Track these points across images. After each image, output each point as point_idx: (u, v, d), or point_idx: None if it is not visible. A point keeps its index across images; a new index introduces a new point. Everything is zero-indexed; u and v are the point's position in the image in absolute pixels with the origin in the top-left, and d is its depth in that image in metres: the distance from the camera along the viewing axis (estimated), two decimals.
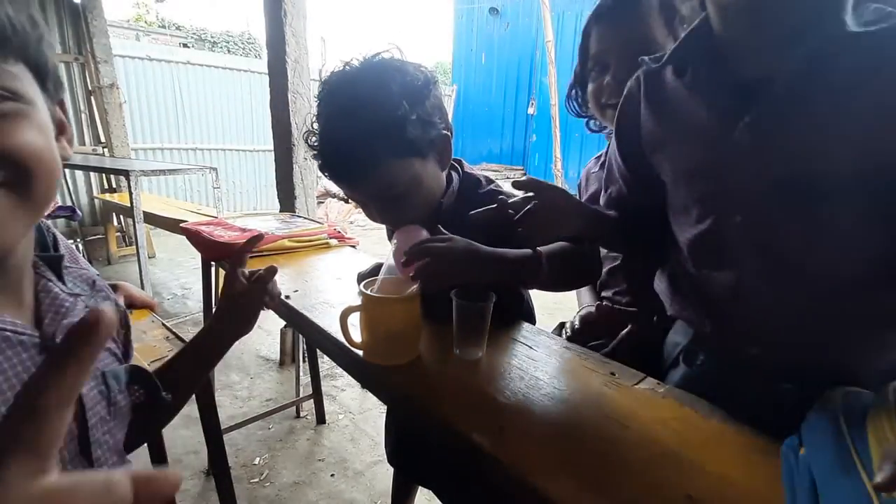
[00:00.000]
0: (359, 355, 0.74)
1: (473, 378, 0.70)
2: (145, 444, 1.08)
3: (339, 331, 0.73)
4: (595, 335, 0.96)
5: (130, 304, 1.15)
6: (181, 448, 1.79)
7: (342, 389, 2.28)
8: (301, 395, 2.05)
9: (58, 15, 4.00)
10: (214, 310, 0.73)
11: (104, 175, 4.31)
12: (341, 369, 0.84)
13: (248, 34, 13.82)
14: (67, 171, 4.18)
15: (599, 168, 1.04)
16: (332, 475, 1.73)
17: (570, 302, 1.14)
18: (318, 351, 1.97)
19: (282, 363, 2.47)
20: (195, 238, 1.37)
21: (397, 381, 0.69)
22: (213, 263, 1.50)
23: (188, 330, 2.78)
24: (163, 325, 1.16)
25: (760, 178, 0.58)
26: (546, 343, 0.82)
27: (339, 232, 1.51)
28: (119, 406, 0.51)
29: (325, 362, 2.29)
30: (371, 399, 2.19)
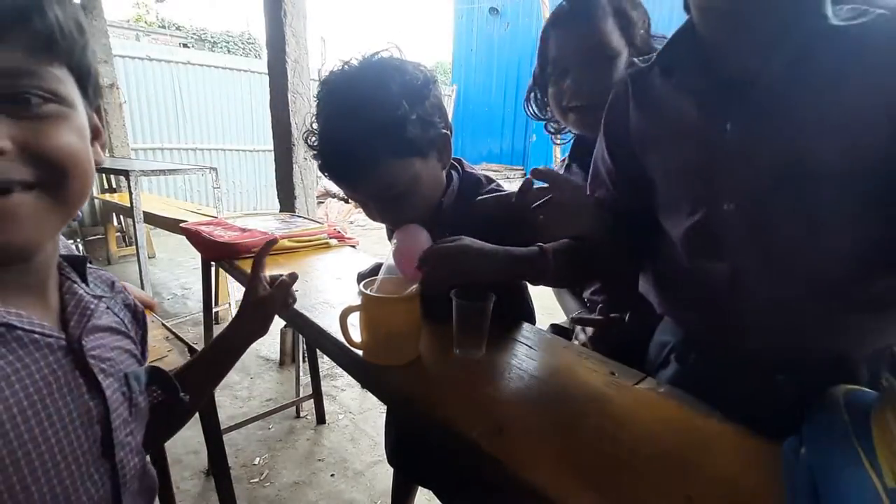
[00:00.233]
0: (359, 355, 0.74)
1: (473, 378, 0.70)
2: None
3: (339, 331, 0.73)
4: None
5: None
6: (181, 448, 1.79)
7: (342, 389, 2.28)
8: (301, 395, 2.05)
9: None
10: (234, 315, 0.75)
11: (104, 175, 4.30)
12: (341, 369, 0.84)
13: (248, 34, 13.83)
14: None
15: (566, 171, 1.07)
16: (332, 475, 1.73)
17: None
18: (318, 351, 1.97)
19: (282, 363, 2.47)
20: (195, 238, 1.37)
21: (397, 380, 0.69)
22: (212, 263, 1.50)
23: (188, 330, 2.78)
24: (163, 325, 1.16)
25: (752, 173, 0.59)
26: (546, 343, 0.82)
27: (339, 232, 1.51)
28: (139, 407, 0.51)
29: (325, 362, 2.29)
30: (371, 399, 2.19)
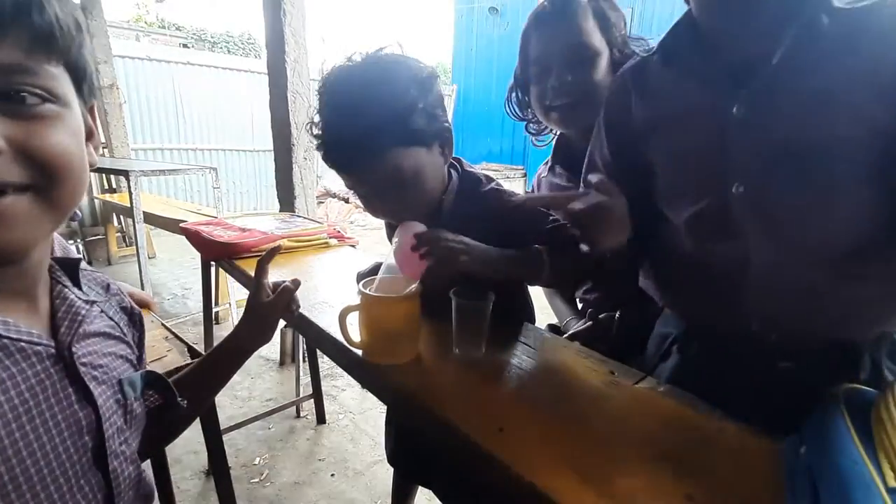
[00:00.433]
0: (358, 355, 0.74)
1: (473, 377, 0.70)
2: None
3: (339, 331, 0.73)
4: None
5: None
6: (181, 448, 1.79)
7: (342, 389, 2.28)
8: (301, 395, 2.05)
9: None
10: (238, 321, 0.74)
11: (104, 175, 4.30)
12: (341, 369, 0.84)
13: (247, 34, 13.82)
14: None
15: (549, 172, 1.09)
16: (332, 475, 1.73)
17: None
18: (318, 351, 1.97)
19: (282, 363, 2.47)
20: (195, 238, 1.37)
21: (397, 380, 0.69)
22: (212, 263, 1.50)
23: (188, 330, 2.78)
24: (162, 325, 1.16)
25: (760, 149, 0.59)
26: (546, 342, 0.81)
27: (338, 232, 1.51)
28: (135, 414, 0.50)
29: (325, 362, 2.29)
30: (371, 399, 2.19)
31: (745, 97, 0.59)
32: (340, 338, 0.74)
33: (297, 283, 0.76)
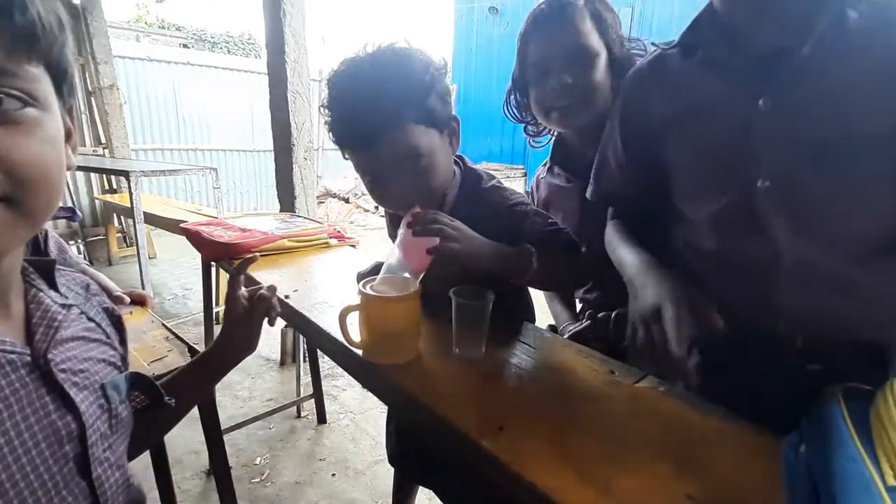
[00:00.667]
0: (358, 355, 0.74)
1: (473, 377, 0.70)
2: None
3: (339, 330, 0.73)
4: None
5: (119, 301, 1.15)
6: (182, 448, 1.79)
7: (343, 389, 2.28)
8: (302, 395, 2.05)
9: None
10: (218, 333, 0.72)
11: (104, 176, 4.31)
12: (342, 369, 0.84)
13: (247, 35, 13.83)
14: (68, 172, 4.18)
15: (548, 173, 1.09)
16: (332, 475, 1.73)
17: None
18: (318, 350, 1.97)
19: (282, 363, 2.48)
20: (195, 238, 1.37)
21: (397, 380, 0.69)
22: (213, 263, 1.51)
23: (188, 330, 2.78)
24: (163, 325, 1.16)
25: (787, 142, 0.58)
26: (545, 342, 0.82)
27: (338, 232, 1.51)
28: (121, 418, 0.48)
29: (325, 362, 2.29)
30: (372, 399, 2.19)
31: (772, 90, 0.58)
32: (341, 338, 0.75)
33: (272, 290, 0.73)
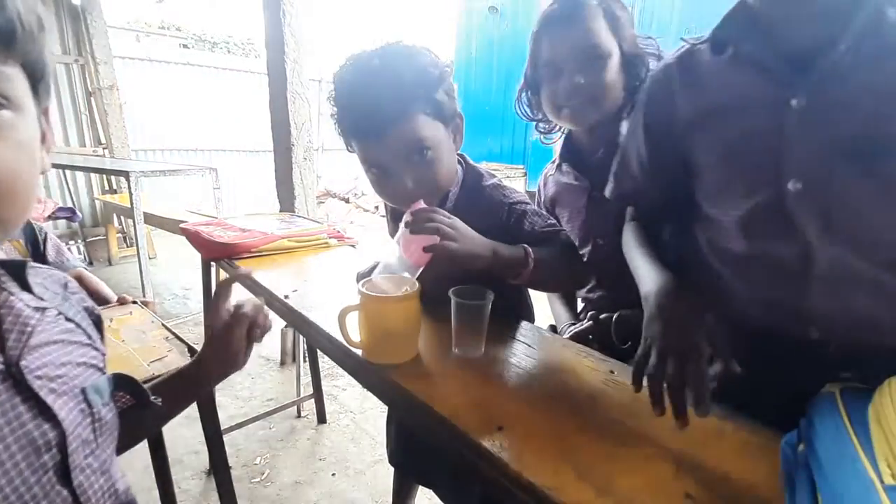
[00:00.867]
0: (358, 354, 0.75)
1: (472, 377, 0.70)
2: (146, 444, 1.08)
3: (338, 330, 0.73)
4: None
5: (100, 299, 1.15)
6: (182, 448, 1.79)
7: (343, 389, 2.28)
8: (302, 395, 2.05)
9: (57, 16, 4.01)
10: (201, 348, 0.68)
11: (104, 176, 4.31)
12: (342, 369, 0.84)
13: (248, 35, 13.82)
14: (68, 172, 4.19)
15: (556, 171, 1.08)
16: (333, 475, 1.74)
17: None
18: (318, 350, 1.97)
19: (282, 363, 2.48)
20: (194, 238, 1.37)
21: (396, 380, 0.69)
22: (213, 264, 1.51)
23: (188, 330, 2.78)
24: (163, 325, 1.16)
25: (820, 143, 0.56)
26: (545, 341, 0.82)
27: (338, 232, 1.51)
28: (104, 421, 0.47)
29: (325, 362, 2.29)
30: (372, 398, 2.19)
31: (806, 88, 0.56)
32: (340, 338, 0.75)
33: (258, 308, 0.68)
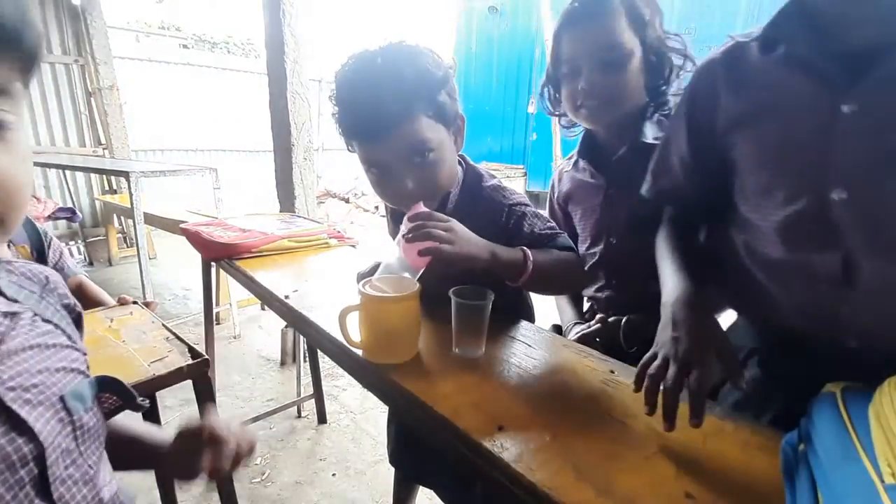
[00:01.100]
0: (358, 355, 0.75)
1: (472, 377, 0.70)
2: None
3: (339, 330, 0.73)
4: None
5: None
6: None
7: (343, 389, 2.28)
8: (302, 395, 2.05)
9: (57, 16, 4.01)
10: (172, 439, 0.59)
11: (104, 176, 4.31)
12: (342, 369, 0.84)
13: (247, 35, 13.83)
14: (68, 172, 4.19)
15: (572, 167, 1.07)
16: (333, 475, 1.74)
17: None
18: (318, 350, 1.97)
19: (283, 363, 2.48)
20: (195, 239, 1.37)
21: (396, 380, 0.69)
22: (213, 264, 1.51)
23: (189, 331, 2.79)
24: (163, 325, 1.16)
25: (869, 153, 0.54)
26: (545, 341, 0.82)
27: (338, 232, 1.51)
28: (86, 428, 0.45)
29: (325, 362, 2.29)
30: (372, 398, 2.19)
31: (858, 94, 0.54)
32: (340, 338, 0.75)
33: (235, 461, 0.57)
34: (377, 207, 6.18)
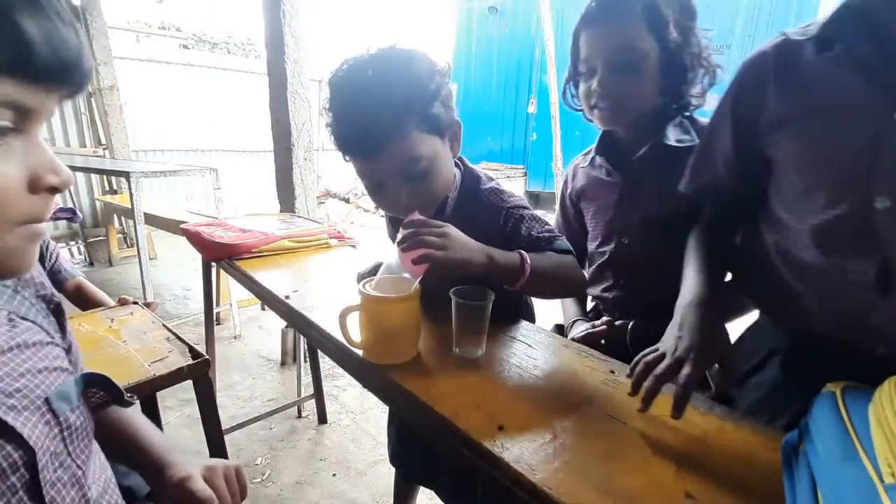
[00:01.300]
0: (358, 355, 0.75)
1: (473, 377, 0.70)
2: None
3: (339, 331, 0.73)
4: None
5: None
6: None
7: (344, 389, 2.28)
8: (302, 395, 2.05)
9: None
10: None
11: (105, 177, 4.31)
12: (342, 369, 0.83)
13: (248, 35, 13.83)
14: None
15: (589, 164, 1.05)
16: (333, 475, 1.74)
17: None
18: (319, 351, 1.97)
19: (283, 363, 2.48)
20: (195, 239, 1.37)
21: (397, 380, 0.69)
22: (213, 264, 1.51)
23: (189, 331, 2.79)
24: (164, 325, 1.16)
25: None
26: (545, 341, 0.82)
27: (338, 232, 1.51)
28: (74, 427, 0.44)
29: (326, 362, 2.29)
30: (372, 399, 2.19)
31: None
32: (341, 338, 0.75)
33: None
34: (377, 208, 6.17)
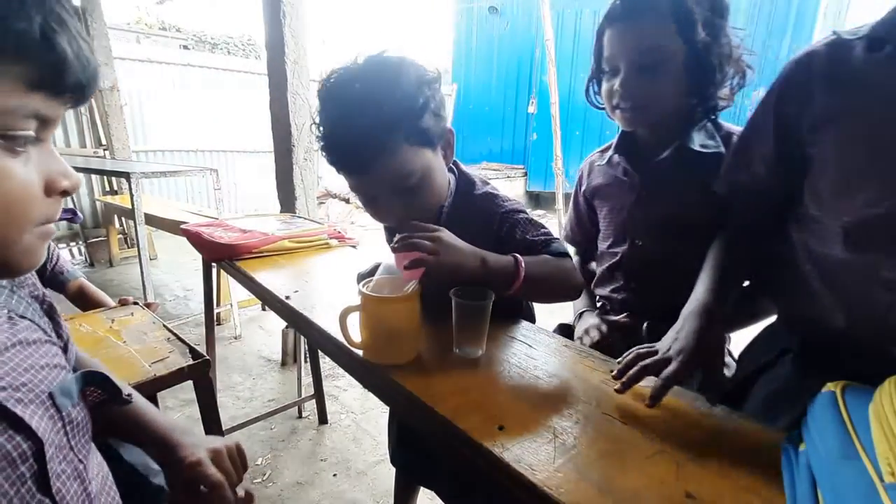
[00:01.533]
0: (358, 355, 0.75)
1: (473, 377, 0.70)
2: None
3: (339, 331, 0.73)
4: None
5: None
6: None
7: (344, 389, 2.28)
8: (303, 396, 2.05)
9: None
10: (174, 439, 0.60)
11: (105, 177, 4.32)
12: (343, 369, 0.84)
13: (248, 36, 13.83)
14: None
15: (606, 162, 1.02)
16: (334, 475, 1.74)
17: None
18: (319, 351, 1.97)
19: (283, 364, 2.48)
20: (196, 239, 1.37)
21: (397, 380, 0.69)
22: (213, 264, 1.51)
23: (189, 331, 2.79)
24: (164, 326, 1.16)
25: None
26: (545, 342, 0.82)
27: (339, 232, 1.51)
28: (76, 423, 0.46)
29: (326, 362, 2.29)
30: (373, 399, 2.19)
31: None
32: (341, 338, 0.75)
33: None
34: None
